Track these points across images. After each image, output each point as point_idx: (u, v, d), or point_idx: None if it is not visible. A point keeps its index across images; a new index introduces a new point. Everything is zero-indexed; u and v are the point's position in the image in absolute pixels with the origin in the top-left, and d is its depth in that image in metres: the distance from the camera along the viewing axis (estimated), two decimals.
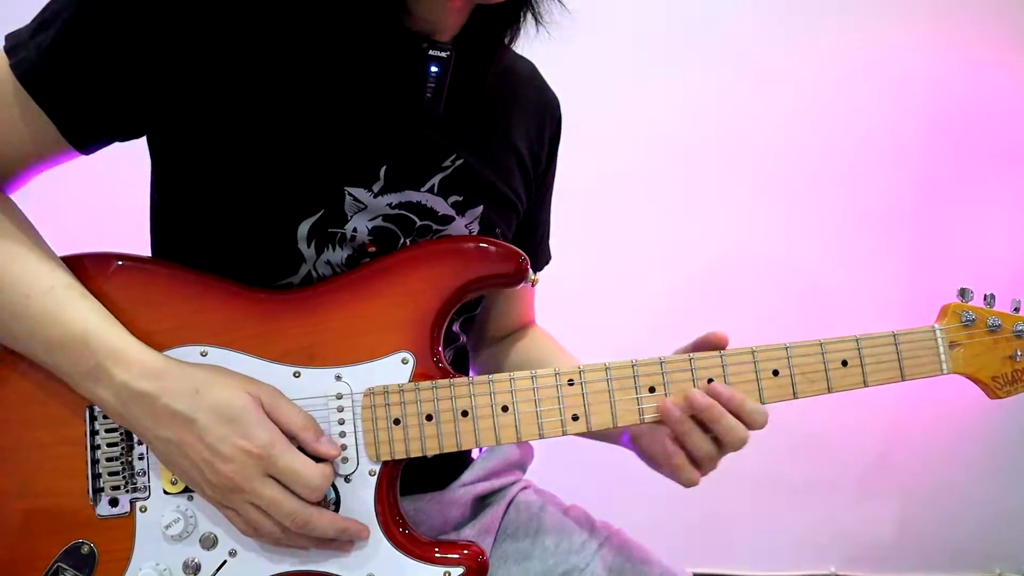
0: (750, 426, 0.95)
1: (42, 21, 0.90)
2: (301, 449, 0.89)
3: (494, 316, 1.28)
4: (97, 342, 0.87)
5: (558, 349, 1.26)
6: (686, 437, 0.94)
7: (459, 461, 1.18)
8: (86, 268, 0.94)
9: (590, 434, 1.00)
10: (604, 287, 2.30)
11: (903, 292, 2.36)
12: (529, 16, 1.02)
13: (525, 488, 1.23)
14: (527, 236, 1.22)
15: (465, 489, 1.16)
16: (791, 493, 2.46)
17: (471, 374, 1.17)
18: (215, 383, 0.88)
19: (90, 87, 0.89)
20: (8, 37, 0.91)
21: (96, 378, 0.87)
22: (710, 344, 0.98)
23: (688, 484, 0.97)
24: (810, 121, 2.31)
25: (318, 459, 0.89)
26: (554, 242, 1.31)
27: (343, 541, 0.92)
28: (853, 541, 2.51)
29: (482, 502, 1.19)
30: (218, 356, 0.93)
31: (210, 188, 0.96)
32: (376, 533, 0.93)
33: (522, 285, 1.00)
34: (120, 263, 0.95)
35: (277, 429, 0.88)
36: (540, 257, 1.28)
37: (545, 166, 1.20)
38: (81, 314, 0.88)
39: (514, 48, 1.09)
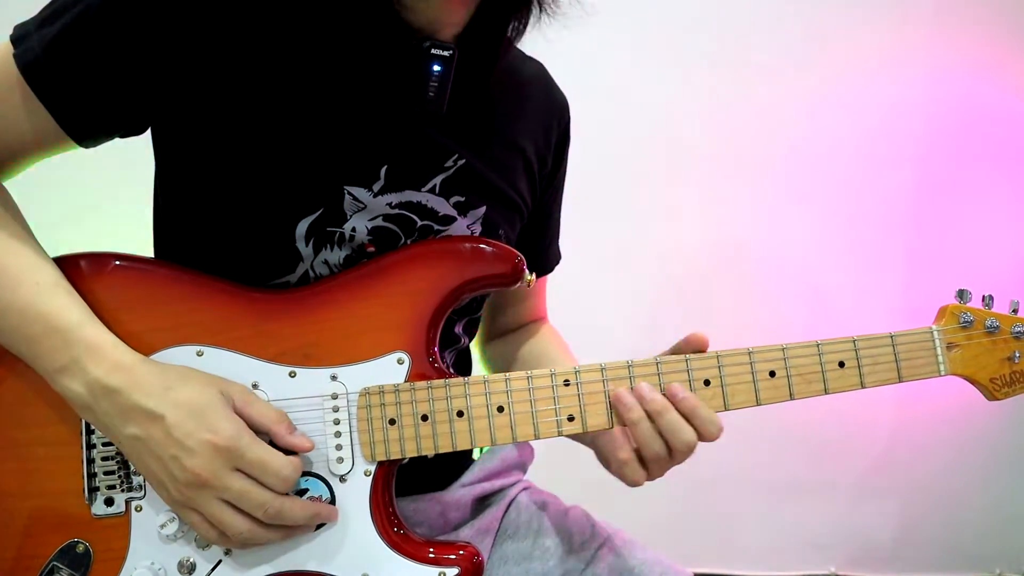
0: (702, 435, 0.94)
1: (49, 14, 0.90)
2: (273, 444, 0.89)
3: (504, 310, 1.28)
4: (75, 336, 0.87)
5: (562, 349, 1.26)
6: (635, 427, 0.94)
7: (460, 462, 1.18)
8: (83, 268, 0.94)
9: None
10: (601, 286, 2.30)
11: (902, 292, 2.36)
12: (534, 10, 1.00)
13: (525, 489, 1.22)
14: (536, 238, 1.21)
15: (465, 490, 1.16)
16: (791, 493, 2.46)
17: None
18: (186, 381, 0.88)
19: (91, 83, 0.90)
20: (16, 27, 0.92)
21: (71, 372, 0.87)
22: (691, 347, 0.98)
23: (633, 483, 0.97)
24: (809, 121, 2.31)
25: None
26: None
27: (312, 527, 0.92)
28: (853, 541, 2.52)
29: (482, 503, 1.18)
30: (214, 356, 0.93)
31: (210, 184, 0.96)
32: (371, 533, 0.93)
33: (518, 286, 1.00)
34: (117, 263, 0.95)
35: (244, 423, 0.87)
36: (549, 258, 1.28)
37: (552, 168, 1.19)
38: (64, 309, 0.88)
39: (518, 46, 1.07)
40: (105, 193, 1.89)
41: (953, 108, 2.33)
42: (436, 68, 0.96)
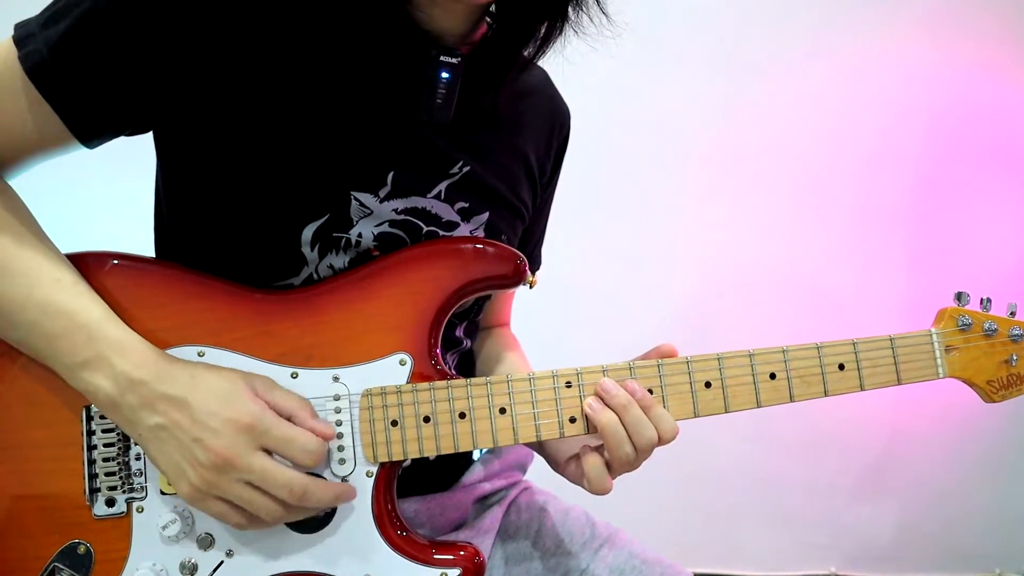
0: (661, 437, 0.95)
1: (53, 14, 0.89)
2: None
3: None
4: (100, 333, 0.87)
5: (519, 358, 1.24)
6: (606, 429, 0.93)
7: (460, 462, 1.18)
8: (84, 266, 0.93)
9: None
10: (604, 287, 2.30)
11: (902, 292, 2.37)
12: (556, 33, 1.00)
13: (526, 489, 1.23)
14: (521, 244, 1.21)
15: (466, 490, 1.16)
16: (791, 493, 2.46)
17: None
18: (210, 371, 0.89)
19: (98, 84, 0.89)
20: (17, 27, 0.91)
21: (95, 367, 0.87)
22: (658, 354, 0.98)
23: (601, 490, 0.96)
24: (810, 122, 2.31)
25: None
26: (559, 244, 1.31)
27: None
28: (853, 541, 2.52)
29: (483, 503, 1.19)
30: (215, 357, 0.93)
31: (216, 187, 0.96)
32: (373, 534, 0.93)
33: (521, 287, 1.00)
34: (117, 262, 0.95)
35: (266, 405, 0.88)
36: (531, 263, 1.27)
37: (549, 176, 1.20)
38: (85, 306, 0.89)
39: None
40: (104, 192, 1.89)
41: (954, 108, 2.33)
42: (444, 75, 0.97)
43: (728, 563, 2.49)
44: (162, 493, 0.92)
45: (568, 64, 1.08)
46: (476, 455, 1.21)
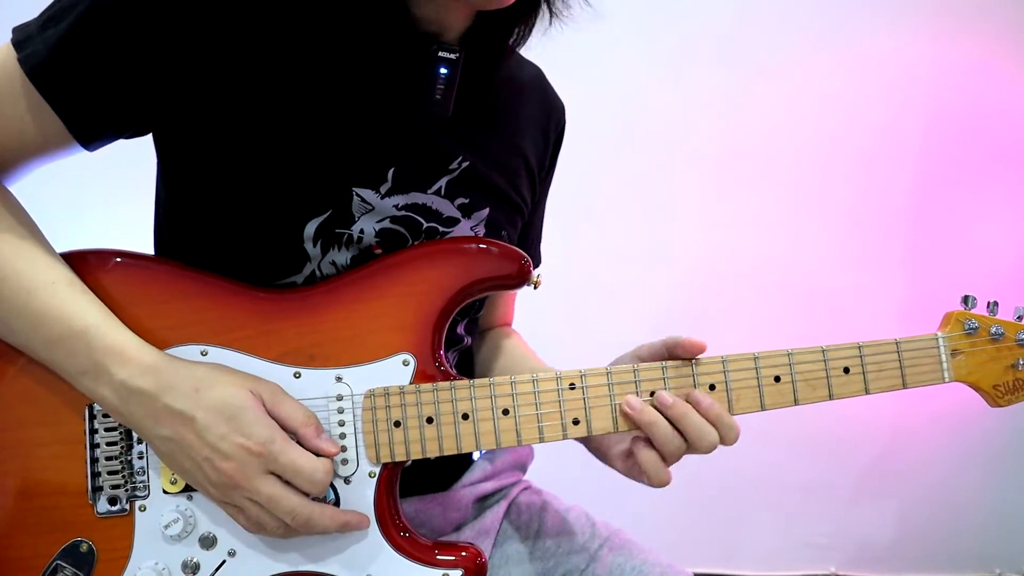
0: (723, 440, 0.94)
1: (51, 15, 0.89)
2: (300, 445, 0.89)
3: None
4: (96, 339, 0.87)
5: (534, 357, 1.24)
6: (652, 428, 0.93)
7: (461, 462, 1.18)
8: (85, 264, 0.93)
9: None
10: (605, 288, 2.30)
11: (904, 294, 2.36)
12: (539, 16, 1.01)
13: (525, 489, 1.23)
14: (521, 241, 1.21)
15: (466, 490, 1.16)
16: (791, 493, 2.46)
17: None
18: (216, 381, 0.88)
19: (98, 84, 0.89)
20: (16, 30, 0.91)
21: (96, 376, 0.87)
22: (683, 347, 0.96)
23: (661, 483, 0.96)
24: (811, 121, 2.31)
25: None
26: (558, 242, 1.31)
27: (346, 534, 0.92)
28: (853, 541, 2.52)
29: (483, 503, 1.19)
30: (218, 356, 0.93)
31: (218, 185, 0.96)
32: (375, 534, 0.93)
33: (525, 287, 1.00)
34: (119, 260, 0.95)
35: (277, 426, 0.87)
36: (532, 261, 1.27)
37: (547, 171, 1.20)
38: (82, 310, 0.88)
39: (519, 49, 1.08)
40: (100, 191, 1.89)
41: (954, 107, 2.33)
42: (443, 71, 0.97)
43: (728, 563, 2.49)
44: (164, 492, 0.92)
45: (568, 61, 1.08)
46: (476, 455, 1.21)
